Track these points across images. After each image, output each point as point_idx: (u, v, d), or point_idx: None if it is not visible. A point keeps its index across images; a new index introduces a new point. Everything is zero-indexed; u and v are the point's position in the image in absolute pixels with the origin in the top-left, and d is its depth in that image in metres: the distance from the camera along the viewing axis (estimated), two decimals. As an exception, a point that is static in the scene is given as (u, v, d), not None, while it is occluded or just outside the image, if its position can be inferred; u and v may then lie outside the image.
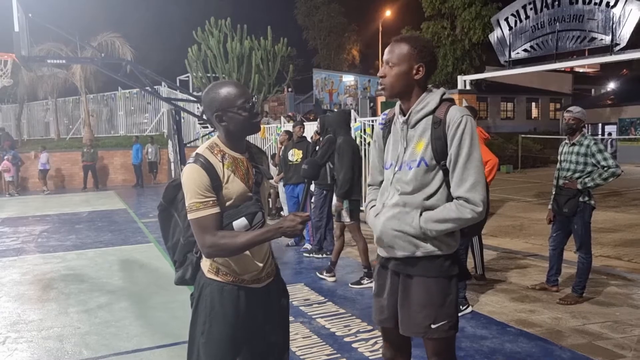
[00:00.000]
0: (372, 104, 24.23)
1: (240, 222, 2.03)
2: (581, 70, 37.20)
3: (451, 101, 2.19)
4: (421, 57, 2.14)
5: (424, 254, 2.16)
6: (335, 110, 23.10)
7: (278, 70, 18.47)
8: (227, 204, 2.03)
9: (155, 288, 5.65)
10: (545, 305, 4.74)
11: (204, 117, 11.80)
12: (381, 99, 26.77)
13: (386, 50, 2.18)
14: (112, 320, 4.65)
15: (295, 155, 7.64)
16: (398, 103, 2.28)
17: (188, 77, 20.78)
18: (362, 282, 5.50)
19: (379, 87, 2.23)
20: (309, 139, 8.17)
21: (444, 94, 2.19)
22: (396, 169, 2.21)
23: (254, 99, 2.11)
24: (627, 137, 24.21)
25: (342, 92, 29.02)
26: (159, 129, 21.56)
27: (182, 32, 23.16)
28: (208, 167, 1.99)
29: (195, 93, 16.56)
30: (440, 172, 2.13)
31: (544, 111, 33.59)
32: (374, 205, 2.37)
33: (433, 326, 2.16)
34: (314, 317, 4.53)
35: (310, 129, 11.04)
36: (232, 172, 2.05)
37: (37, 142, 20.05)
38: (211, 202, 1.98)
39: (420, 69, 2.14)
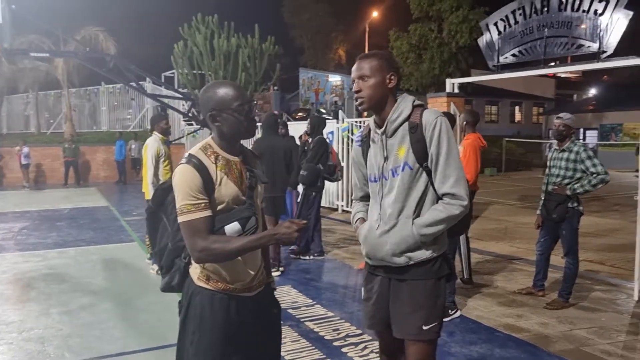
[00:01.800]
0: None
1: (232, 227, 1.97)
2: (563, 75, 37.73)
3: (422, 106, 2.29)
4: (391, 67, 2.26)
5: (418, 261, 2.22)
6: (322, 110, 23.08)
7: (264, 69, 18.38)
8: (220, 207, 1.97)
9: (140, 289, 5.55)
10: (532, 310, 4.76)
11: (190, 114, 11.72)
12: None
13: (355, 68, 2.27)
14: (96, 321, 4.55)
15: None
16: (372, 118, 2.37)
17: (173, 73, 20.59)
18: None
19: (356, 102, 2.26)
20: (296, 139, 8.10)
21: (414, 100, 2.29)
22: (383, 179, 2.28)
23: (252, 103, 2.06)
24: (607, 142, 24.61)
25: (328, 92, 29.01)
26: (142, 125, 21.32)
27: (167, 27, 22.92)
28: (201, 169, 1.93)
29: (181, 90, 16.38)
30: (424, 174, 2.22)
31: (527, 115, 34.02)
32: (361, 217, 2.45)
33: (425, 327, 2.21)
34: (302, 320, 4.49)
35: (297, 129, 11.00)
36: (225, 175, 1.99)
37: (17, 136, 19.68)
38: (203, 204, 1.92)
39: (392, 77, 2.26)
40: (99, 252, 7.36)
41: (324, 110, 23.11)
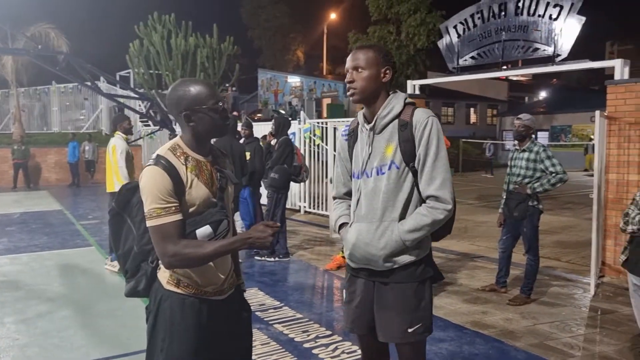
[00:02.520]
0: (318, 107, 24.32)
1: (204, 231, 1.90)
2: (515, 78, 38.97)
3: (413, 104, 2.23)
4: (386, 61, 2.20)
5: (402, 264, 2.17)
6: (281, 111, 23.00)
7: (223, 69, 18.16)
8: (190, 210, 1.90)
9: (100, 294, 5.36)
10: (496, 307, 4.86)
11: (149, 113, 11.43)
12: (327, 101, 26.91)
13: (350, 58, 2.21)
14: (54, 330, 4.36)
15: (244, 156, 7.49)
16: (361, 111, 2.30)
17: (129, 73, 20.05)
18: None
19: (348, 93, 2.21)
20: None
21: (406, 97, 2.24)
22: (367, 176, 2.21)
23: (224, 101, 2.01)
24: (557, 143, 25.53)
25: (287, 93, 28.95)
26: (96, 127, 20.68)
27: (121, 26, 22.36)
28: (170, 170, 1.84)
29: (138, 89, 15.97)
30: (410, 174, 2.16)
31: (482, 117, 34.94)
32: (344, 221, 2.34)
33: (409, 330, 2.17)
34: (271, 322, 4.44)
35: (260, 130, 10.91)
36: (195, 176, 1.92)
37: (-39, 138, 18.73)
38: (173, 208, 1.84)
39: (387, 72, 2.20)
40: (54, 257, 7.07)
41: (283, 111, 23.03)
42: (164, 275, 1.97)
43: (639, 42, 37.87)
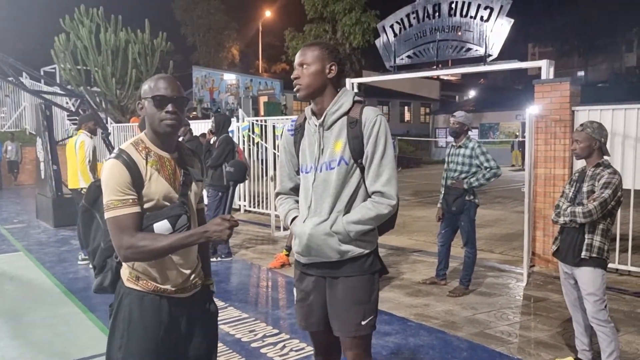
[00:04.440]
0: (254, 105, 24.12)
1: (162, 225, 1.89)
2: (446, 77, 40.35)
3: (362, 102, 2.28)
4: (332, 57, 2.24)
5: (350, 257, 2.20)
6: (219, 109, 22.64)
7: (157, 66, 17.64)
8: (149, 204, 1.90)
9: (31, 302, 5.07)
10: (437, 299, 5.02)
11: (78, 111, 10.90)
12: (263, 99, 26.73)
13: (297, 55, 2.25)
14: (-19, 342, 4.08)
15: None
16: (308, 107, 2.33)
17: (54, 68, 19.05)
18: None
19: (295, 89, 2.22)
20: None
21: (354, 95, 2.28)
22: (317, 171, 2.23)
23: (181, 99, 1.95)
24: (486, 140, 26.67)
25: (223, 91, 28.52)
26: (19, 125, 19.49)
27: (45, 19, 21.22)
28: (129, 164, 1.87)
29: (65, 86, 15.19)
30: (358, 170, 2.21)
31: (416, 115, 35.93)
32: (295, 214, 2.33)
33: (363, 323, 2.22)
34: (216, 324, 4.36)
35: (197, 128, 10.69)
36: (156, 171, 1.92)
37: None
38: (131, 200, 1.85)
39: (333, 67, 2.23)
40: (-23, 265, 6.62)
41: (219, 110, 22.69)
42: (124, 272, 1.97)
43: (558, 44, 40.22)
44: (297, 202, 2.36)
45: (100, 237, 2.04)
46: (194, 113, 25.17)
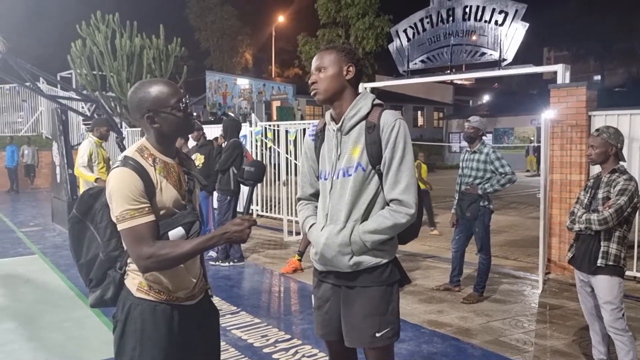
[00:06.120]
0: (267, 110, 24.18)
1: (177, 232, 1.87)
2: (459, 82, 40.14)
3: (382, 106, 2.22)
4: (349, 58, 2.19)
5: (367, 267, 2.15)
6: (230, 113, 22.73)
7: (171, 71, 17.79)
8: (161, 212, 1.87)
9: (45, 305, 5.11)
10: (451, 305, 4.97)
11: (94, 116, 11.03)
12: (276, 104, 26.77)
13: (314, 60, 2.22)
14: (-3, 344, 4.12)
15: (197, 159, 7.34)
16: (328, 112, 2.28)
17: (71, 74, 19.27)
18: None
19: (312, 94, 2.20)
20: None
21: (374, 99, 2.22)
22: (334, 177, 2.19)
23: (186, 98, 1.96)
24: (500, 145, 26.46)
25: (236, 96, 28.62)
26: (36, 129, 19.76)
27: (62, 25, 21.48)
28: (140, 171, 1.82)
29: (81, 91, 15.37)
30: (376, 177, 2.15)
31: (429, 119, 35.80)
32: (313, 222, 2.30)
33: (377, 335, 2.15)
34: (228, 328, 4.35)
35: (211, 132, 10.73)
36: (164, 178, 1.89)
37: None
38: (147, 209, 1.81)
39: (350, 68, 2.18)
40: (-6, 267, 6.69)
41: (232, 114, 22.76)
42: (133, 282, 1.91)
43: (574, 49, 39.82)
44: (317, 207, 2.32)
45: (96, 249, 1.97)
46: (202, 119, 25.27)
